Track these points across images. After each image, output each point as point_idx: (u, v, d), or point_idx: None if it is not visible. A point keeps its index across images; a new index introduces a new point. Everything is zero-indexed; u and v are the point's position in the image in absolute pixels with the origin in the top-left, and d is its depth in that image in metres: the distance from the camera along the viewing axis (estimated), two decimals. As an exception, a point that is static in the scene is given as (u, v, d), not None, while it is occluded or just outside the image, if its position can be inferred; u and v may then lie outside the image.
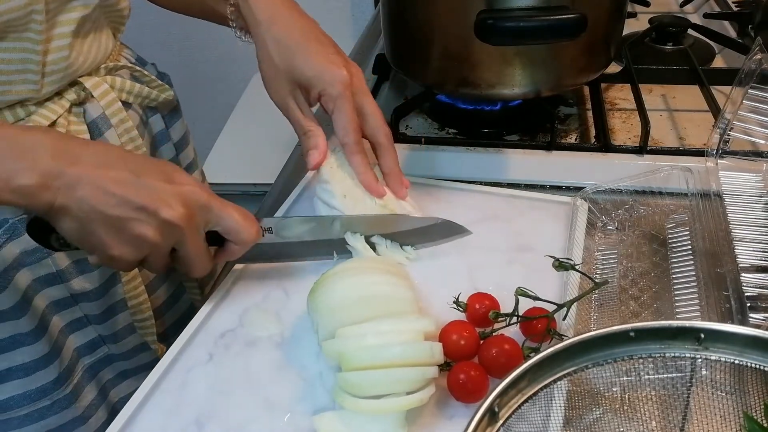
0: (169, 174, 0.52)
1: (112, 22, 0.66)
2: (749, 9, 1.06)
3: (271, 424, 0.52)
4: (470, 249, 0.67)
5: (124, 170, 0.50)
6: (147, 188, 0.50)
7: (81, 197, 0.48)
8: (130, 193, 0.49)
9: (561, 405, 0.46)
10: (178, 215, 0.51)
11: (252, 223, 0.57)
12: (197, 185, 0.53)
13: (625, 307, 0.60)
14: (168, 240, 0.52)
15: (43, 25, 0.56)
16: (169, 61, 0.82)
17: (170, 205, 0.50)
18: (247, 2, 0.66)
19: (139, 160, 0.54)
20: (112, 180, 0.49)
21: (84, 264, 0.65)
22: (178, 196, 0.51)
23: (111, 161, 0.50)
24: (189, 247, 0.53)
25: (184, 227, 0.51)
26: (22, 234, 0.60)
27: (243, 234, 0.56)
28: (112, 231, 0.50)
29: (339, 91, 0.64)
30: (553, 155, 0.78)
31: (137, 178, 0.50)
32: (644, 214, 0.70)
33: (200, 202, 0.53)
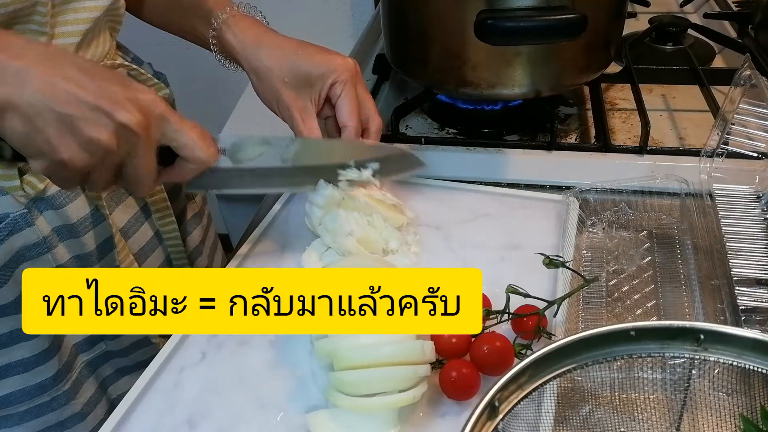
0: (126, 80, 0.49)
1: (110, 22, 0.66)
2: (749, 9, 1.06)
3: (264, 422, 0.52)
4: (462, 246, 0.67)
5: (77, 71, 0.46)
6: (103, 89, 0.46)
7: (30, 92, 0.44)
8: (85, 92, 0.46)
9: (559, 402, 0.45)
10: (135, 120, 0.47)
11: (210, 142, 0.54)
12: (155, 94, 0.50)
13: (612, 307, 0.60)
14: (121, 147, 0.48)
15: (47, 18, 0.56)
16: (169, 62, 0.82)
17: (127, 108, 0.47)
18: (231, 28, 0.68)
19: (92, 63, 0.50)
20: (65, 77, 0.45)
21: (84, 259, 0.65)
22: (135, 101, 0.48)
23: (60, 60, 0.47)
24: (140, 160, 0.49)
25: (140, 134, 0.48)
26: (22, 228, 0.60)
27: (199, 152, 0.52)
28: (63, 130, 0.45)
29: (347, 78, 0.66)
30: (553, 155, 0.78)
31: (92, 78, 0.47)
32: (634, 217, 0.69)
33: (158, 111, 0.49)
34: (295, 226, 0.71)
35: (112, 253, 0.66)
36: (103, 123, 0.46)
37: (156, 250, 0.74)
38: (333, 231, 0.63)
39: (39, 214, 0.61)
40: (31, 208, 0.60)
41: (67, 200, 0.62)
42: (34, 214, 0.60)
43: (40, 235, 0.61)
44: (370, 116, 0.69)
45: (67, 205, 0.62)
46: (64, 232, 0.62)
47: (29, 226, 0.60)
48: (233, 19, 0.68)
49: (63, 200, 0.61)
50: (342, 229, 0.62)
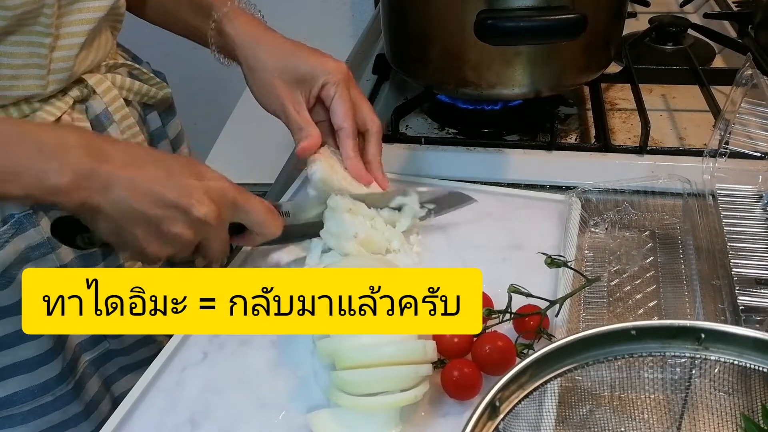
0: (198, 170, 0.53)
1: (112, 22, 0.67)
2: (749, 9, 1.06)
3: (265, 422, 0.52)
4: (464, 246, 0.67)
5: (155, 168, 0.51)
6: (179, 186, 0.51)
7: (116, 197, 0.49)
8: (165, 192, 0.50)
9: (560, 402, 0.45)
10: (209, 212, 0.52)
11: (276, 216, 0.59)
12: (225, 180, 0.55)
13: (613, 307, 0.60)
14: (198, 236, 0.53)
15: (52, 19, 0.57)
16: (169, 61, 0.82)
17: (202, 202, 0.52)
18: (232, 22, 0.69)
19: (166, 157, 0.55)
20: (146, 179, 0.50)
21: (87, 259, 0.65)
22: (208, 192, 0.52)
23: (140, 159, 0.52)
24: (214, 243, 0.55)
25: (216, 225, 0.53)
26: (27, 229, 0.60)
27: (267, 228, 0.58)
28: (147, 229, 0.51)
29: (339, 80, 0.67)
30: (553, 155, 0.78)
31: (169, 176, 0.51)
32: (636, 217, 0.70)
33: (228, 198, 0.54)
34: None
35: (115, 253, 0.67)
36: (183, 220, 0.51)
37: None
38: (337, 235, 0.63)
39: (43, 215, 0.61)
40: (36, 208, 0.60)
41: None
42: (39, 215, 0.61)
43: (44, 235, 0.61)
44: (368, 119, 0.69)
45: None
46: None
47: (34, 226, 0.60)
48: (234, 13, 0.69)
49: None
50: (346, 233, 0.63)
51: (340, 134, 0.67)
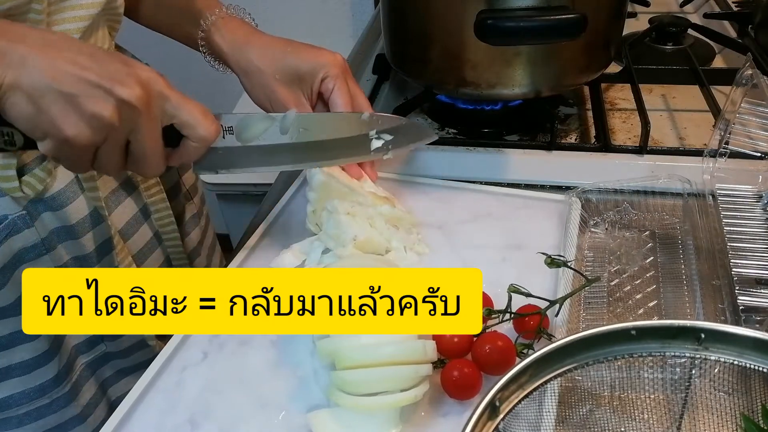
0: (128, 61, 0.50)
1: (109, 21, 0.66)
2: (749, 9, 1.06)
3: (265, 422, 0.52)
4: (464, 246, 0.67)
5: (78, 52, 0.48)
6: (103, 68, 0.48)
7: (31, 72, 0.46)
8: (85, 71, 0.47)
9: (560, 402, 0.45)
10: (135, 95, 0.48)
11: (212, 119, 0.54)
12: (157, 74, 0.51)
13: (613, 307, 0.60)
14: (124, 122, 0.48)
15: (43, 16, 0.56)
16: (168, 62, 0.82)
17: (128, 84, 0.48)
18: (220, 30, 0.68)
19: (95, 47, 0.51)
20: (66, 59, 0.47)
21: (83, 260, 0.64)
22: (135, 77, 0.48)
23: (61, 43, 0.48)
24: (144, 137, 0.50)
25: (141, 109, 0.48)
26: (21, 230, 0.60)
27: (201, 129, 0.52)
28: (66, 109, 0.47)
29: (338, 72, 0.67)
30: (553, 155, 0.78)
31: (91, 60, 0.48)
32: (636, 217, 0.69)
33: (158, 87, 0.50)
34: (297, 227, 0.70)
35: (111, 254, 0.66)
36: (105, 98, 0.47)
37: (155, 251, 0.74)
38: (336, 236, 0.63)
39: (38, 216, 0.60)
40: (30, 209, 0.60)
41: (66, 201, 0.62)
42: (33, 216, 0.60)
43: (39, 236, 0.61)
44: (363, 107, 0.69)
45: (66, 207, 0.62)
46: (63, 234, 0.62)
47: (28, 227, 0.60)
48: (222, 21, 0.69)
49: (62, 201, 0.61)
50: (345, 234, 0.62)
51: None
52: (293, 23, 1.74)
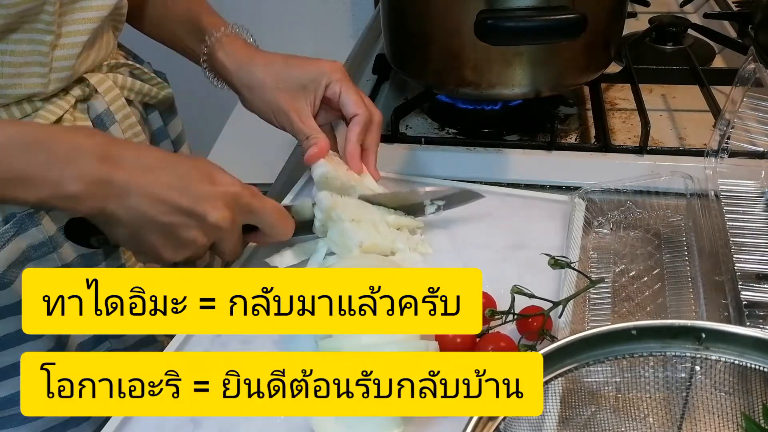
0: (211, 175, 0.54)
1: (113, 21, 0.67)
2: (749, 9, 1.06)
3: (265, 422, 0.52)
4: (467, 247, 0.67)
5: (169, 174, 0.52)
6: (194, 192, 0.52)
7: (131, 205, 0.50)
8: (180, 200, 0.51)
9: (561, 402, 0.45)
10: (223, 217, 0.53)
11: (287, 218, 0.60)
12: (238, 184, 0.55)
13: (619, 307, 0.60)
14: (212, 240, 0.55)
15: (54, 17, 0.57)
16: (170, 62, 0.82)
17: (216, 207, 0.53)
18: (224, 48, 0.70)
19: (179, 161, 0.55)
20: (161, 185, 0.51)
21: (89, 258, 0.65)
22: (222, 197, 0.53)
23: (153, 164, 0.52)
24: (228, 244, 0.56)
25: (228, 228, 0.54)
26: (29, 228, 0.60)
27: (278, 230, 0.59)
28: (162, 236, 0.52)
29: (341, 76, 0.68)
30: (553, 155, 0.78)
31: (183, 183, 0.52)
32: (641, 216, 0.70)
33: (242, 202, 0.55)
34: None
35: (117, 252, 0.67)
36: (197, 226, 0.53)
37: None
38: (341, 243, 0.63)
39: (45, 214, 0.61)
40: (37, 207, 0.60)
41: None
42: (40, 214, 0.60)
43: (46, 234, 0.61)
44: (371, 110, 0.70)
45: None
46: None
47: (35, 225, 0.60)
48: (226, 39, 0.71)
49: None
50: (351, 241, 0.62)
51: (353, 120, 0.68)
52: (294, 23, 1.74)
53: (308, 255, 0.66)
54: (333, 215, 0.63)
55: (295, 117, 0.68)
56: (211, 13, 0.73)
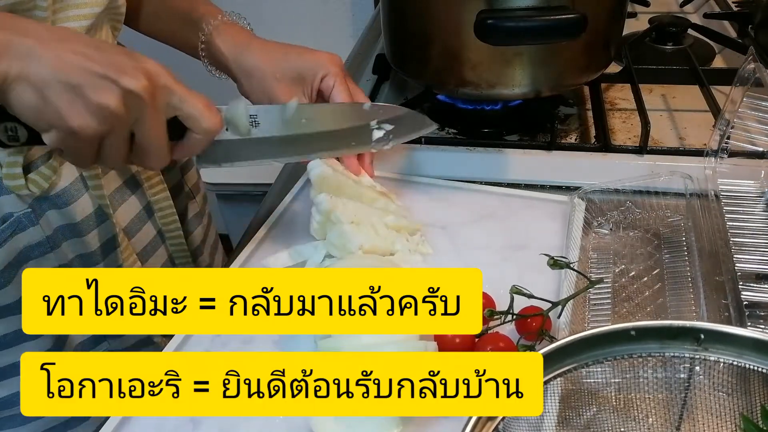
0: (132, 52, 0.51)
1: (111, 20, 0.67)
2: (749, 9, 1.06)
3: (265, 422, 0.52)
4: (466, 247, 0.67)
5: (84, 45, 0.48)
6: (109, 59, 0.48)
7: (38, 64, 0.46)
8: (90, 62, 0.47)
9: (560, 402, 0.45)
10: (141, 85, 0.48)
11: (215, 112, 0.54)
12: (162, 67, 0.51)
13: (619, 307, 0.60)
14: (130, 113, 0.49)
15: (47, 13, 0.57)
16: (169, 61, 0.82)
17: (134, 75, 0.48)
18: (221, 35, 0.70)
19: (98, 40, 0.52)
20: (72, 50, 0.47)
21: (88, 258, 0.65)
22: (141, 69, 0.49)
23: (67, 36, 0.49)
24: (149, 128, 0.51)
25: (146, 100, 0.49)
26: (26, 228, 0.60)
27: (205, 121, 0.53)
28: (72, 99, 0.47)
29: (337, 70, 0.68)
30: (553, 155, 0.78)
31: (98, 52, 0.48)
32: (640, 216, 0.70)
33: (164, 80, 0.51)
34: (300, 228, 0.70)
35: (115, 252, 0.67)
36: (110, 89, 0.48)
37: (159, 250, 0.74)
38: (340, 246, 0.63)
39: (43, 213, 0.61)
40: (35, 207, 0.60)
41: (71, 199, 0.62)
42: (38, 213, 0.60)
43: (43, 234, 0.61)
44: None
45: (70, 204, 0.62)
46: (67, 231, 0.63)
47: (33, 225, 0.60)
48: (223, 26, 0.70)
49: (67, 199, 0.62)
50: (351, 244, 0.62)
51: None
52: (294, 23, 1.74)
53: (305, 257, 0.66)
54: (332, 217, 0.63)
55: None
56: (205, 3, 0.73)
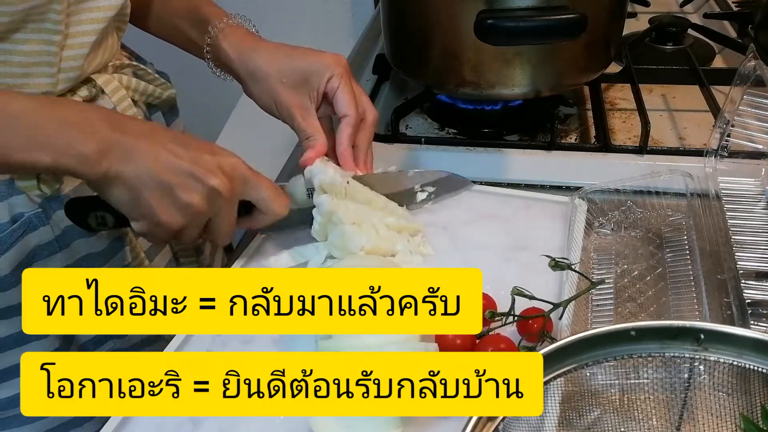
0: (212, 147, 0.57)
1: (118, 22, 0.67)
2: (749, 9, 1.06)
3: (265, 422, 0.52)
4: (467, 248, 0.67)
5: (174, 142, 0.54)
6: (196, 158, 0.54)
7: (136, 164, 0.52)
8: (182, 162, 0.53)
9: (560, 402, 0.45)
10: (223, 183, 0.54)
11: (282, 195, 0.61)
12: (237, 157, 0.57)
13: (621, 308, 0.60)
14: (211, 208, 0.55)
15: (62, 16, 0.57)
16: (172, 62, 0.82)
17: (216, 174, 0.54)
18: (227, 37, 0.70)
19: (182, 134, 0.57)
20: (165, 149, 0.53)
21: (92, 259, 0.65)
22: (222, 166, 0.55)
23: (159, 134, 0.55)
24: (225, 217, 0.57)
25: (226, 196, 0.55)
26: (37, 228, 0.60)
27: (273, 206, 0.60)
28: (162, 196, 0.53)
29: (342, 72, 0.68)
30: (553, 155, 0.78)
31: (186, 149, 0.54)
32: (642, 216, 0.69)
33: (240, 172, 0.57)
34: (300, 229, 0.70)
35: (123, 251, 0.67)
36: (197, 189, 0.54)
37: (164, 248, 0.74)
38: (342, 247, 0.63)
39: (53, 213, 0.61)
40: (45, 207, 0.60)
41: None
42: (48, 214, 0.61)
43: (53, 234, 0.61)
44: (366, 108, 0.70)
45: None
46: (76, 231, 0.63)
47: (43, 225, 0.60)
48: (229, 29, 0.71)
49: None
50: (352, 244, 0.62)
51: (343, 121, 0.68)
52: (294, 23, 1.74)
53: (306, 258, 0.66)
54: (333, 219, 0.63)
55: (297, 114, 0.68)
56: (211, 4, 0.74)
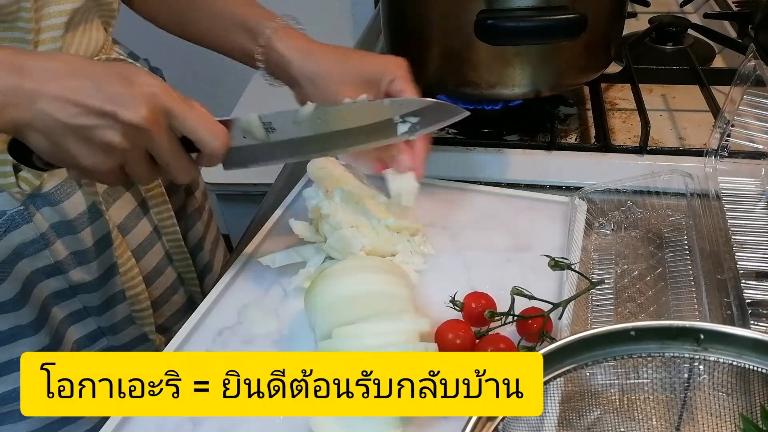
0: (130, 77, 0.50)
1: (102, 16, 0.66)
2: (749, 9, 1.06)
3: (265, 422, 0.52)
4: (467, 248, 0.67)
5: (81, 79, 0.49)
6: (106, 93, 0.49)
7: (40, 110, 0.48)
8: (88, 100, 0.48)
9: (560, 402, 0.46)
10: (139, 116, 0.49)
11: (218, 131, 0.54)
12: (160, 87, 0.51)
13: (621, 308, 0.60)
14: (137, 143, 0.50)
15: (31, 13, 0.56)
16: (167, 58, 0.81)
17: (130, 107, 0.49)
18: (282, 39, 0.68)
19: (96, 66, 0.52)
20: (69, 89, 0.48)
21: (82, 255, 0.65)
22: (139, 98, 0.49)
23: (65, 69, 0.50)
24: (162, 150, 0.52)
25: (150, 129, 0.49)
26: (20, 225, 0.60)
27: (208, 143, 0.53)
28: (78, 141, 0.49)
29: (404, 74, 0.66)
30: (553, 155, 0.78)
31: (95, 85, 0.49)
32: (642, 216, 0.70)
33: (161, 104, 0.50)
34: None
35: (110, 249, 0.67)
36: (112, 126, 0.49)
37: (155, 246, 0.74)
38: (341, 250, 0.63)
39: (36, 211, 0.61)
40: (28, 204, 0.60)
41: (64, 196, 0.62)
42: (31, 211, 0.60)
43: (37, 231, 0.61)
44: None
45: (64, 201, 0.62)
46: (61, 229, 0.63)
47: (26, 222, 0.60)
48: (282, 31, 0.69)
49: (60, 196, 0.62)
50: (351, 247, 0.62)
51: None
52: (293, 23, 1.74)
53: (302, 258, 0.66)
54: (332, 222, 0.63)
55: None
56: (255, 5, 0.72)
